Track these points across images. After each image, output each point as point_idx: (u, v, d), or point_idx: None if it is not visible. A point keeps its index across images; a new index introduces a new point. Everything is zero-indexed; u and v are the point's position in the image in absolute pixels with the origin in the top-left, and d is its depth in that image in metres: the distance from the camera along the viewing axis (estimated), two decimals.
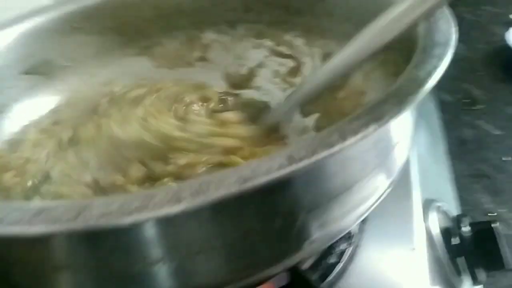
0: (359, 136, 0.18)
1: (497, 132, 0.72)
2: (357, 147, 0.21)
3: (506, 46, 0.89)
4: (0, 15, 0.43)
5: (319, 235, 0.23)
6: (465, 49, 0.92)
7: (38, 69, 0.42)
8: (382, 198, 0.26)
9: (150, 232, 0.19)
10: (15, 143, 0.37)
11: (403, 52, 0.27)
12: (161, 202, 0.16)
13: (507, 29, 0.92)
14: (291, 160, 0.17)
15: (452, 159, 0.60)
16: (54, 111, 0.41)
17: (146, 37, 0.46)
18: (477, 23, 1.04)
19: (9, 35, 0.40)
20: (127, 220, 0.16)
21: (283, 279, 0.32)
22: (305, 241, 0.22)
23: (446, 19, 0.27)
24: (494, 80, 0.85)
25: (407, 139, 0.27)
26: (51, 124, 0.39)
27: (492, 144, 0.70)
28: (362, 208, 0.25)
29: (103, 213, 0.16)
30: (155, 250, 0.20)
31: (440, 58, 0.22)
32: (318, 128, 0.33)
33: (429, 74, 0.21)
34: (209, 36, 0.46)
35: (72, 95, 0.43)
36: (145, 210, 0.16)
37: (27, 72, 0.41)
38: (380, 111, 0.19)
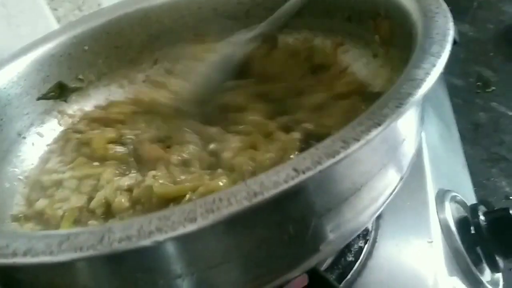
0: (361, 142, 0.19)
1: None
2: (363, 150, 0.22)
3: None
4: (13, 43, 0.45)
5: (334, 236, 0.23)
6: (474, 30, 0.91)
7: (52, 93, 0.43)
8: (394, 193, 0.27)
9: (169, 249, 0.20)
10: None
11: (406, 50, 0.27)
12: (176, 222, 0.17)
13: None
14: (297, 171, 0.18)
15: (466, 145, 0.60)
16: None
17: (152, 52, 0.48)
18: (485, 2, 1.02)
19: (23, 63, 0.42)
20: (146, 242, 0.17)
21: (303, 280, 0.33)
22: (321, 243, 0.23)
23: (443, 13, 0.27)
24: (506, 60, 0.84)
25: (413, 134, 0.27)
26: None
27: (507, 126, 0.69)
28: (375, 205, 0.25)
29: (123, 236, 0.17)
30: (175, 266, 0.20)
31: (438, 55, 0.23)
32: None
33: (427, 73, 0.21)
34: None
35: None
36: (162, 231, 0.17)
37: (41, 97, 0.42)
38: (380, 115, 0.20)
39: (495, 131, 0.69)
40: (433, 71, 0.22)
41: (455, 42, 0.69)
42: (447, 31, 0.25)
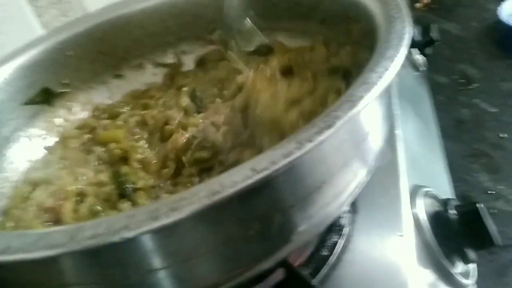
0: (314, 143, 0.20)
1: (494, 110, 0.72)
2: (319, 149, 0.23)
3: (499, 21, 0.89)
4: None
5: (305, 226, 0.25)
6: (459, 28, 0.93)
7: (37, 98, 0.44)
8: (361, 186, 0.28)
9: (139, 245, 0.21)
10: None
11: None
12: (141, 220, 0.19)
13: (499, 4, 0.92)
14: (254, 171, 0.19)
15: (449, 141, 0.61)
16: None
17: (135, 56, 0.49)
18: (470, 1, 1.04)
19: (8, 70, 0.43)
20: (114, 238, 0.19)
21: (279, 275, 0.35)
22: (292, 234, 0.24)
23: (402, 18, 0.28)
24: (488, 57, 0.85)
25: (378, 130, 0.28)
26: None
27: (489, 122, 0.71)
28: (343, 196, 0.26)
29: (93, 234, 0.19)
30: (147, 261, 0.22)
31: (392, 59, 0.24)
32: None
33: (380, 77, 0.23)
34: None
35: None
36: (129, 228, 0.19)
37: (27, 103, 0.43)
38: (334, 117, 0.21)
39: (477, 127, 0.70)
40: (385, 75, 0.23)
41: (435, 41, 0.70)
42: (403, 35, 0.26)
